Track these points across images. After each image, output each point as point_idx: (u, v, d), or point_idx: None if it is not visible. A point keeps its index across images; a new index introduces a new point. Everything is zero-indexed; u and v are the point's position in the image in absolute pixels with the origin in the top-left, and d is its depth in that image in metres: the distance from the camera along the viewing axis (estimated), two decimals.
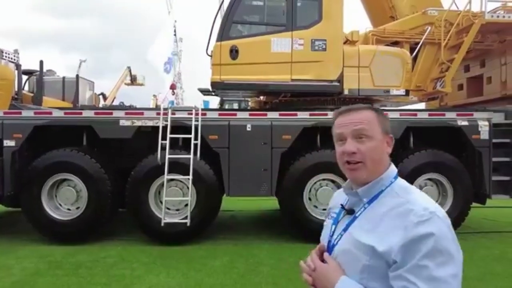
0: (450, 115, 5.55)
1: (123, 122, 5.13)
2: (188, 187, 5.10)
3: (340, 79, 5.43)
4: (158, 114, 5.16)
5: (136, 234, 5.37)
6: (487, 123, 5.43)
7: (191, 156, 4.94)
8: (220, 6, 5.73)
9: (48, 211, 5.11)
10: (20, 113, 5.23)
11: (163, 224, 4.89)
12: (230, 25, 5.25)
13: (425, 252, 0.95)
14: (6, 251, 4.82)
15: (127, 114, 5.20)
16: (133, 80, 20.34)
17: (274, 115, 5.33)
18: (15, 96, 6.17)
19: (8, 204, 6.52)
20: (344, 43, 5.62)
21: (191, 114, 5.17)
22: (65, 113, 5.25)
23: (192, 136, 5.03)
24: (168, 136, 5.00)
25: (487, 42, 6.45)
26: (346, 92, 5.56)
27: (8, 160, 5.03)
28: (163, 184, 5.08)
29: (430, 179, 5.48)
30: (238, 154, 5.21)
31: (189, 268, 4.27)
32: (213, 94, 6.62)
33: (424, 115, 5.61)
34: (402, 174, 4.74)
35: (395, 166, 3.86)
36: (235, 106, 12.21)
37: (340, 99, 5.79)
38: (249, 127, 5.23)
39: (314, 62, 5.32)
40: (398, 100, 6.48)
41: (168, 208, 5.17)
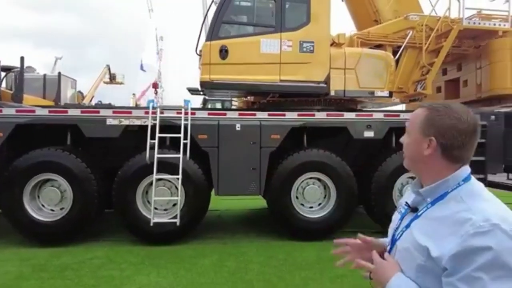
0: None
1: (110, 121, 5.05)
2: (176, 187, 5.08)
3: (327, 81, 5.55)
4: (147, 113, 5.11)
5: (123, 234, 5.30)
6: None
7: (181, 155, 4.93)
8: (209, 6, 5.74)
9: (30, 212, 4.96)
10: (0, 111, 5.06)
11: (152, 224, 4.85)
12: (220, 25, 5.28)
13: (480, 264, 0.93)
14: None
15: (114, 113, 5.12)
16: (112, 78, 19.93)
17: (263, 115, 5.39)
18: None
19: None
20: (331, 45, 5.75)
21: (180, 113, 5.16)
22: (49, 111, 5.11)
23: (182, 135, 5.01)
24: (157, 135, 4.97)
25: (463, 47, 6.76)
26: (333, 93, 5.69)
27: None
28: (151, 183, 5.04)
29: (412, 178, 5.69)
30: (227, 153, 5.24)
31: (179, 268, 4.26)
32: (201, 93, 6.62)
33: (407, 116, 5.80)
34: (386, 173, 4.92)
35: (379, 165, 4.02)
36: (218, 106, 12.20)
37: (326, 100, 5.92)
38: (238, 127, 5.27)
39: (302, 63, 5.42)
40: (381, 102, 6.69)
41: (156, 208, 5.13)
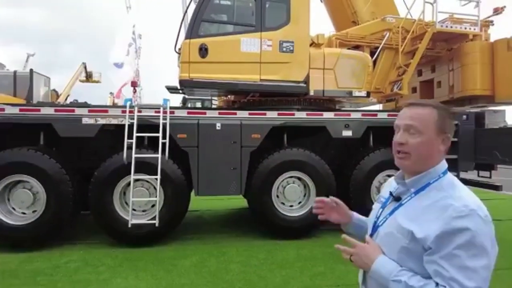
0: None
1: (86, 120, 4.91)
2: (155, 187, 4.99)
3: (307, 81, 5.60)
4: (124, 112, 5.00)
5: (100, 237, 5.16)
6: None
7: (159, 155, 4.84)
8: (189, 4, 5.66)
9: None
10: None
11: (130, 226, 4.75)
12: (200, 23, 5.22)
13: (459, 244, 1.06)
14: None
15: (90, 111, 4.97)
16: (88, 76, 19.32)
17: (243, 114, 5.38)
18: None
19: None
20: (310, 46, 5.80)
21: (159, 112, 5.07)
22: (20, 109, 4.90)
23: (160, 134, 4.93)
24: (135, 134, 4.86)
25: (437, 49, 6.98)
26: (312, 93, 5.75)
27: None
28: (128, 184, 4.93)
29: (389, 176, 5.83)
30: (207, 153, 5.20)
31: (158, 269, 4.19)
32: (180, 92, 6.53)
33: (383, 116, 5.96)
34: (364, 171, 5.05)
35: (357, 164, 4.18)
36: (198, 105, 12.09)
37: (306, 99, 5.97)
38: (218, 126, 5.24)
39: (282, 63, 5.44)
40: (359, 101, 6.83)
41: (134, 209, 5.03)
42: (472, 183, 6.29)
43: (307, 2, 5.61)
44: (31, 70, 7.71)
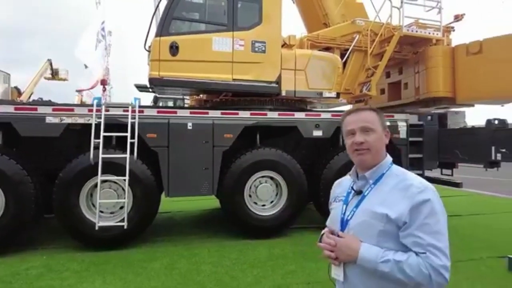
0: None
1: (49, 119, 4.69)
2: (123, 189, 4.86)
3: (278, 81, 5.65)
4: (90, 111, 4.82)
5: (65, 241, 4.96)
6: (405, 123, 6.13)
7: (127, 155, 4.72)
8: (159, 1, 5.54)
9: None
10: None
11: (97, 228, 4.59)
12: (170, 21, 5.12)
13: (426, 213, 1.26)
14: None
15: (54, 110, 4.75)
16: (54, 74, 18.53)
17: (215, 113, 5.34)
18: None
19: None
20: (282, 47, 5.85)
21: (127, 111, 4.94)
22: None
23: (128, 134, 4.80)
24: (102, 134, 4.71)
25: (404, 52, 7.24)
26: (284, 93, 5.80)
27: None
28: (95, 185, 4.77)
29: None
30: (178, 153, 5.12)
31: (127, 273, 4.08)
32: (150, 90, 6.39)
33: None
34: (333, 170, 5.15)
35: (328, 163, 4.34)
36: (170, 104, 11.88)
37: (278, 99, 6.02)
38: (190, 126, 5.17)
39: (254, 63, 5.45)
40: (329, 102, 6.97)
41: (102, 211, 4.86)
42: (436, 180, 6.58)
43: (279, 3, 5.65)
44: None
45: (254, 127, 5.56)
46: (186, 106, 9.23)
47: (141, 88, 6.78)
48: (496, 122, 5.51)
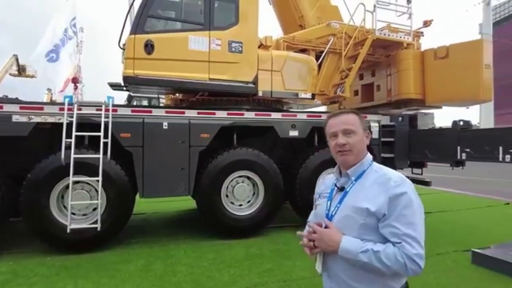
0: None
1: (17, 118, 4.49)
2: (96, 190, 4.73)
3: (255, 81, 5.68)
4: (62, 109, 4.66)
5: (32, 245, 4.77)
6: (377, 124, 6.33)
7: (100, 155, 4.59)
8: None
9: None
10: None
11: (69, 231, 4.44)
12: (145, 19, 5.03)
13: (403, 205, 1.35)
14: None
15: (22, 108, 4.56)
16: (21, 70, 17.71)
17: (192, 113, 5.30)
18: None
19: None
20: (258, 47, 5.89)
21: (100, 110, 4.81)
22: None
23: (102, 134, 4.68)
24: (74, 133, 4.56)
25: (376, 55, 7.47)
26: (261, 94, 5.84)
27: None
28: (67, 187, 4.61)
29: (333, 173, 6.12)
30: (153, 153, 5.04)
31: (100, 276, 3.97)
32: (124, 89, 6.24)
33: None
34: (309, 169, 5.24)
35: (303, 163, 4.44)
36: (145, 103, 11.66)
37: (255, 100, 6.05)
38: (165, 125, 5.10)
39: (231, 63, 5.45)
40: (305, 103, 7.08)
41: (74, 213, 4.71)
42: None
43: (256, 4, 5.68)
44: None
45: (231, 127, 5.56)
46: (161, 105, 9.09)
47: (115, 86, 6.62)
48: (461, 123, 5.78)
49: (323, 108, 8.11)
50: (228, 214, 5.39)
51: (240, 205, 5.57)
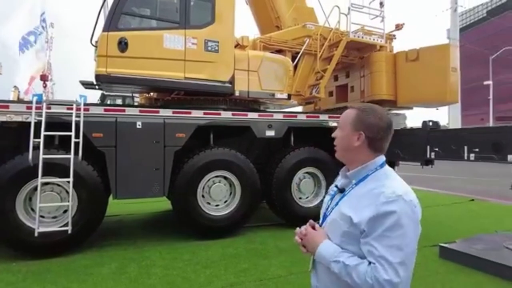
0: (323, 117, 6.42)
1: None
2: (67, 191, 4.57)
3: (232, 81, 5.67)
4: (29, 108, 4.47)
5: None
6: None
7: (71, 156, 4.44)
8: None
9: None
10: None
11: (37, 235, 4.26)
12: (119, 16, 4.91)
13: (387, 226, 1.22)
14: None
15: None
16: None
17: (167, 112, 5.22)
18: None
19: None
20: (235, 47, 5.88)
21: (71, 109, 4.65)
22: None
23: (73, 133, 4.52)
24: (42, 133, 4.38)
25: (350, 57, 7.64)
26: (237, 94, 5.84)
27: None
28: (35, 188, 4.43)
29: (308, 173, 6.22)
30: (126, 153, 4.92)
31: (71, 280, 3.84)
32: (97, 87, 6.06)
33: (302, 117, 6.33)
34: (285, 169, 5.29)
35: (279, 162, 4.44)
36: (119, 102, 11.38)
37: (232, 99, 6.04)
38: (139, 125, 5.00)
39: (207, 62, 5.41)
40: (281, 103, 7.15)
41: (42, 216, 4.53)
42: None
43: (232, 3, 5.67)
44: None
45: (208, 127, 5.53)
46: (135, 104, 8.90)
47: (87, 85, 6.40)
48: (431, 123, 6.01)
49: (299, 108, 8.21)
50: (205, 214, 5.35)
51: (217, 205, 5.54)
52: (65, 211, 4.62)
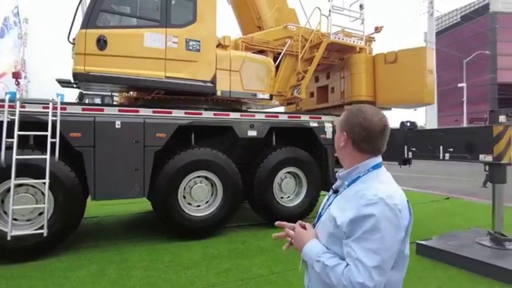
0: (304, 117, 6.49)
1: None
2: (43, 193, 4.43)
3: (214, 81, 5.64)
4: (1, 106, 4.31)
5: None
6: (331, 125, 6.57)
7: (48, 156, 4.31)
8: None
9: None
10: None
11: (9, 238, 4.10)
12: (98, 13, 4.80)
13: (366, 228, 1.21)
14: None
15: None
16: None
17: (147, 112, 5.14)
18: None
19: None
20: (217, 47, 5.86)
21: (47, 108, 4.51)
22: None
23: (49, 133, 4.38)
24: (16, 133, 4.23)
25: (331, 58, 7.76)
26: (219, 93, 5.82)
27: None
28: (8, 190, 4.27)
29: (289, 172, 6.27)
30: (105, 153, 4.82)
31: (47, 284, 3.73)
32: (74, 86, 5.90)
33: (284, 117, 6.38)
34: (267, 168, 5.30)
35: (261, 162, 4.45)
36: (98, 101, 11.11)
37: (213, 99, 6.02)
38: (118, 124, 4.90)
39: (189, 61, 5.36)
40: (263, 103, 7.18)
41: (16, 219, 4.37)
42: None
43: (214, 2, 5.64)
44: None
45: (189, 127, 5.49)
46: (115, 103, 8.72)
47: (64, 83, 6.23)
48: (408, 124, 6.17)
49: (281, 109, 8.26)
50: (186, 215, 5.30)
51: (198, 206, 5.50)
52: (40, 214, 4.48)
